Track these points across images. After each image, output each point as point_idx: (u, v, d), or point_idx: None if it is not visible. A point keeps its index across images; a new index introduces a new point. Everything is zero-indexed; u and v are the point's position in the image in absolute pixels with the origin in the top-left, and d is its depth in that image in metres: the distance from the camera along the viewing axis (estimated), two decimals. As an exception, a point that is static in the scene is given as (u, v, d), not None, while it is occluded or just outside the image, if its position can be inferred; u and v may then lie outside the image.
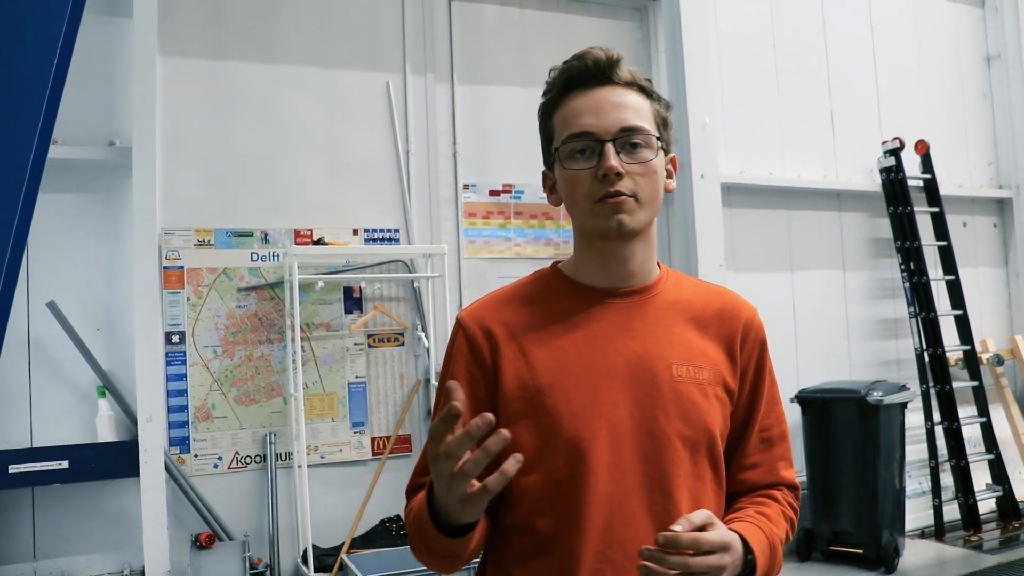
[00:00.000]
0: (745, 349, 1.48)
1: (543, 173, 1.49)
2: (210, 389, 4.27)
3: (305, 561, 4.09)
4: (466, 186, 4.87)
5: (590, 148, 1.36)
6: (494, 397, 1.40)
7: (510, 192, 4.97)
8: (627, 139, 1.37)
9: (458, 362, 1.43)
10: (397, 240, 4.69)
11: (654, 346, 1.40)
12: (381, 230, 4.67)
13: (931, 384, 5.52)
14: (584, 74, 1.42)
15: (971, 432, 5.65)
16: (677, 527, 1.18)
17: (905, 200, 5.68)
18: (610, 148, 1.35)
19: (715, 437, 1.40)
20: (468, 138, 4.91)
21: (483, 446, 1.11)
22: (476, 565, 1.51)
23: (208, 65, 4.40)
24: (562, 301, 1.45)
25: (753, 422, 1.49)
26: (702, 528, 1.20)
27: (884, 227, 5.82)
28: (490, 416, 1.10)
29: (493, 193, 4.93)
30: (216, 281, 4.32)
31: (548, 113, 1.46)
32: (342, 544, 4.29)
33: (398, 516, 4.46)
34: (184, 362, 4.24)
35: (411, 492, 1.47)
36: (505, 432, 1.11)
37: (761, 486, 1.50)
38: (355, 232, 4.61)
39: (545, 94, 1.47)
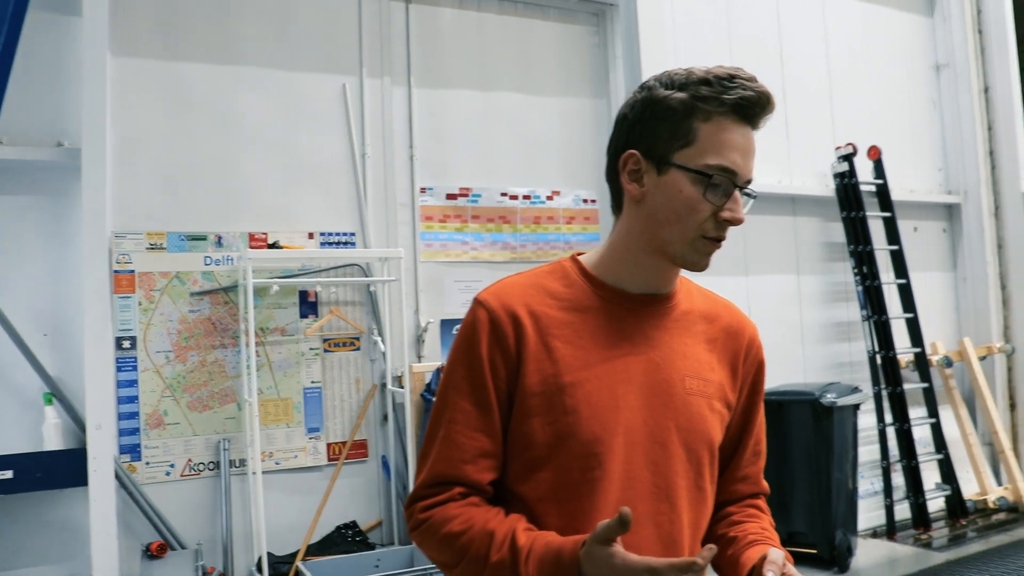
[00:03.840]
0: (746, 366, 1.51)
1: (630, 154, 1.39)
2: (162, 395, 4.20)
3: (260, 569, 4.04)
4: (423, 189, 4.85)
5: (724, 185, 1.33)
6: (513, 387, 1.36)
7: (467, 196, 4.95)
8: (746, 188, 1.37)
9: (480, 345, 1.36)
10: (353, 244, 4.65)
11: (670, 357, 1.41)
12: (337, 234, 4.63)
13: (883, 386, 5.60)
14: (752, 106, 1.35)
15: (921, 433, 5.74)
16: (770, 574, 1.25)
17: (858, 205, 5.76)
18: (740, 197, 1.35)
19: (715, 451, 1.44)
20: (425, 141, 4.89)
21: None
22: None
23: (161, 66, 4.33)
24: (589, 300, 1.41)
25: (748, 436, 1.54)
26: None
27: (837, 231, 5.90)
28: (714, 548, 1.14)
29: (450, 197, 4.92)
30: (168, 285, 4.25)
31: (695, 112, 1.34)
32: (297, 551, 4.24)
33: (354, 522, 4.42)
34: (135, 368, 4.17)
35: (423, 501, 1.38)
36: (713, 547, 1.14)
37: (746, 495, 1.56)
38: (311, 236, 4.57)
39: (699, 86, 1.35)
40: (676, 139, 1.35)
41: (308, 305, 4.51)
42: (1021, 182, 6.49)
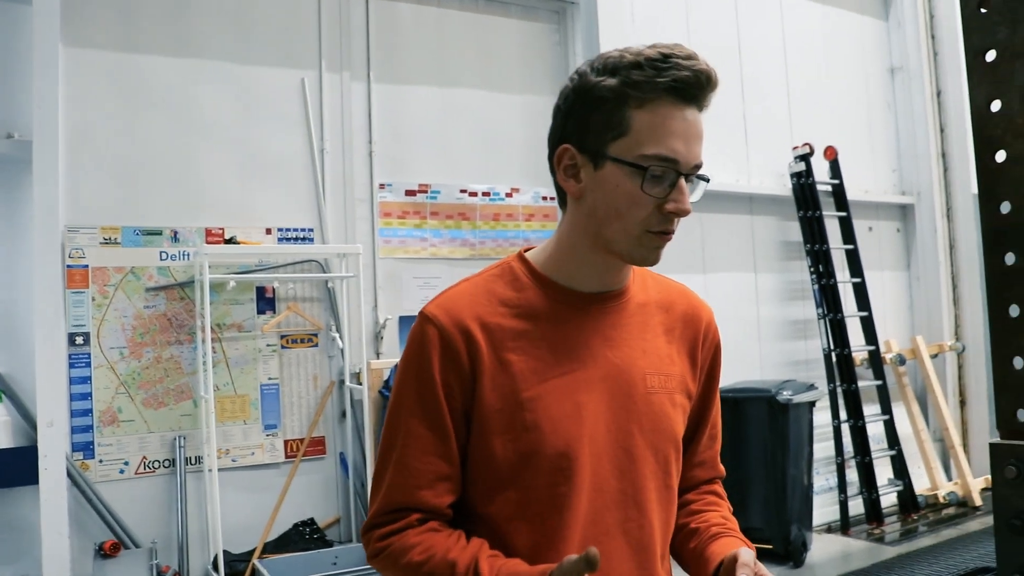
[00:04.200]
0: (704, 352, 1.47)
1: (564, 148, 1.31)
2: (116, 392, 4.14)
3: (216, 567, 4.00)
4: (382, 185, 4.83)
5: (667, 176, 1.24)
6: (469, 406, 1.29)
7: (426, 192, 4.94)
8: (693, 175, 1.29)
9: (431, 365, 1.28)
10: (311, 240, 4.62)
11: (629, 355, 1.35)
12: (295, 229, 4.59)
13: (838, 383, 5.69)
14: (690, 87, 1.25)
15: (875, 429, 5.84)
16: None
17: (814, 204, 5.85)
18: (686, 187, 1.27)
19: (679, 446, 1.41)
20: (384, 137, 4.87)
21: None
22: None
23: (116, 58, 4.27)
24: (540, 303, 1.34)
25: (705, 422, 1.50)
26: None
27: (794, 230, 5.98)
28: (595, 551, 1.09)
29: (409, 193, 4.90)
30: (123, 281, 4.19)
31: (627, 100, 1.25)
32: (254, 549, 4.20)
33: (312, 519, 4.40)
34: (88, 364, 4.10)
35: (380, 529, 1.31)
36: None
37: (703, 481, 1.53)
38: (268, 231, 4.53)
39: (630, 70, 1.24)
40: (609, 130, 1.26)
41: (265, 301, 4.47)
42: (972, 184, 6.63)
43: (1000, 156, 2.02)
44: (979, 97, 2.13)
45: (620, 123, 1.25)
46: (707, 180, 1.31)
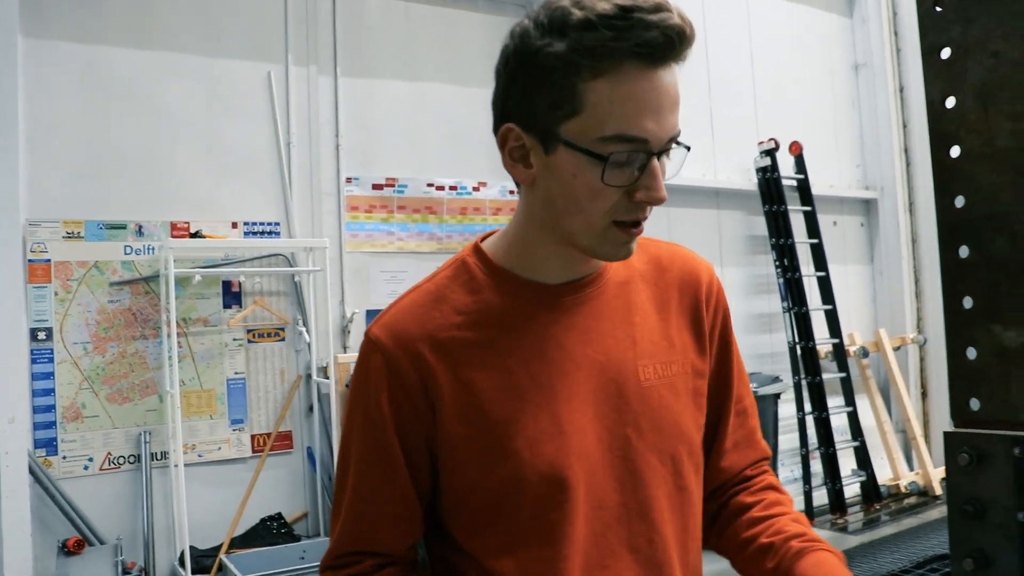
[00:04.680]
0: (709, 317, 1.27)
1: (508, 128, 1.09)
2: (80, 387, 4.10)
3: (182, 563, 3.98)
4: (349, 179, 4.82)
5: (634, 159, 1.03)
6: (432, 439, 1.12)
7: (393, 186, 4.94)
8: (670, 149, 1.08)
9: (379, 399, 1.11)
10: (278, 233, 4.60)
11: (615, 348, 1.16)
12: (261, 223, 4.57)
13: (803, 376, 5.75)
14: (660, 49, 1.00)
15: (839, 421, 5.91)
16: None
17: (779, 199, 5.90)
18: (659, 168, 1.05)
19: (693, 439, 1.22)
20: (351, 131, 4.85)
21: None
22: None
23: (78, 49, 4.21)
24: (501, 304, 1.14)
25: (729, 398, 1.31)
26: None
27: (760, 225, 6.04)
28: None
29: (376, 187, 4.89)
30: (86, 275, 4.15)
31: (578, 70, 1.01)
32: (221, 544, 4.18)
33: (279, 514, 4.38)
34: (51, 360, 4.06)
35: (333, 572, 1.20)
36: None
37: (746, 467, 1.34)
38: (234, 225, 4.50)
39: (581, 32, 0.99)
40: (559, 107, 1.03)
41: (232, 295, 4.45)
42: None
43: (954, 151, 2.06)
44: (934, 93, 2.17)
45: (572, 98, 1.01)
46: (688, 148, 1.10)
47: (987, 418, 1.96)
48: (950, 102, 2.11)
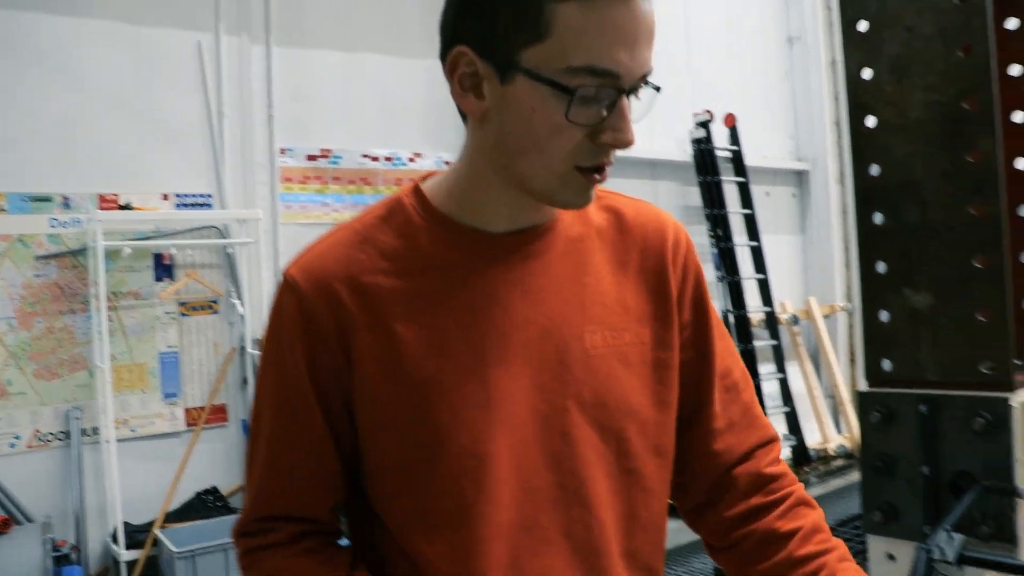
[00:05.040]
0: (676, 281, 1.12)
1: (460, 52, 0.96)
2: (4, 364, 4.00)
3: (115, 539, 3.93)
4: (283, 150, 4.75)
5: (603, 95, 0.92)
6: (348, 392, 1.01)
7: (328, 157, 4.89)
8: (640, 88, 0.98)
9: (291, 344, 1.00)
10: (210, 205, 4.53)
11: (560, 309, 1.03)
12: (193, 195, 4.49)
13: (738, 343, 5.88)
14: None
15: (770, 387, 6.06)
16: None
17: (714, 170, 5.99)
18: (628, 108, 0.95)
19: (648, 416, 1.08)
20: (285, 101, 4.78)
21: None
22: None
23: (-4, 15, 4.08)
24: (436, 251, 1.02)
25: (711, 372, 1.15)
26: None
27: (695, 195, 6.12)
28: None
29: (311, 158, 4.84)
30: (10, 249, 4.04)
31: None
32: (155, 519, 4.14)
33: (215, 488, 4.35)
34: (-26, 336, 3.96)
35: (247, 539, 1.08)
36: None
37: (747, 453, 1.17)
38: (165, 197, 4.42)
39: None
40: (521, 31, 0.91)
41: (163, 268, 4.38)
42: (863, 150, 6.88)
43: (870, 121, 2.13)
44: (852, 65, 2.23)
45: (537, 21, 0.90)
46: (658, 89, 1.01)
47: (898, 378, 2.04)
48: (867, 74, 2.17)
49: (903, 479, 1.94)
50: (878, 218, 2.07)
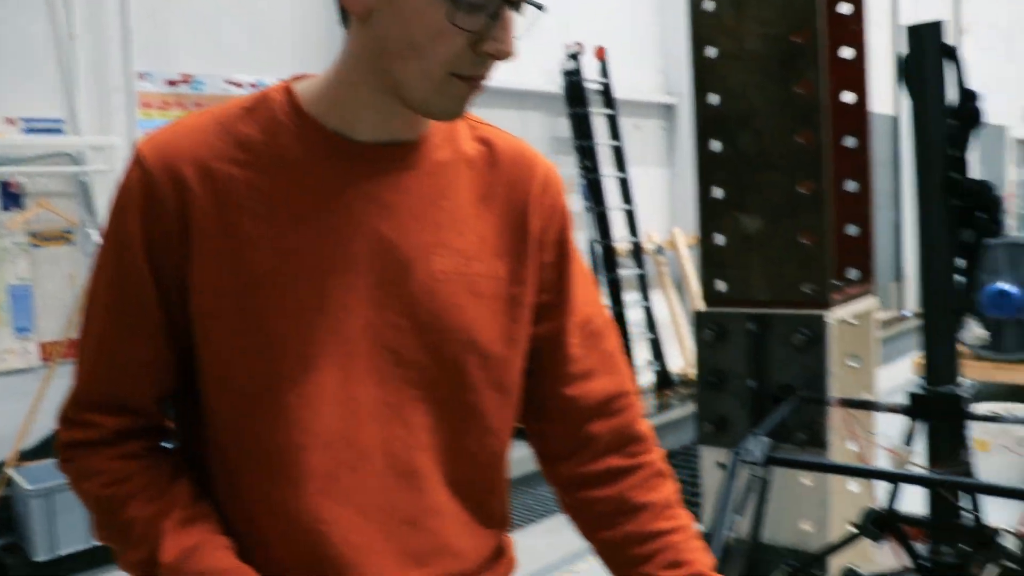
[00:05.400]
0: (539, 219, 1.11)
1: None
2: None
3: (-33, 477, 3.81)
4: (140, 75, 4.55)
5: (488, 3, 0.93)
6: (183, 278, 0.98)
7: (189, 82, 4.71)
8: (521, 3, 0.97)
9: (131, 220, 0.97)
10: (61, 131, 4.31)
11: (413, 229, 1.02)
12: (42, 119, 4.26)
13: (603, 272, 6.06)
14: None
15: (636, 315, 6.29)
16: None
17: (583, 102, 6.08)
18: (510, 20, 0.95)
19: (492, 351, 1.07)
20: (142, 22, 4.56)
21: None
22: None
23: None
24: (294, 151, 1.00)
25: (567, 315, 1.14)
26: None
27: (564, 127, 6.20)
28: None
29: (171, 83, 4.66)
30: None
31: None
32: (7, 459, 4.02)
33: (75, 423, 4.24)
34: None
35: (69, 431, 1.04)
36: None
37: (602, 401, 1.16)
38: (11, 121, 4.18)
39: None
40: None
41: (10, 197, 4.16)
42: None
43: (710, 52, 2.23)
44: (695, -4, 2.32)
45: None
46: (540, 7, 1.00)
47: (730, 298, 2.18)
48: (709, 5, 2.26)
49: (732, 393, 2.09)
50: (716, 146, 2.18)
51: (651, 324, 6.36)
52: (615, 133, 6.38)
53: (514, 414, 1.13)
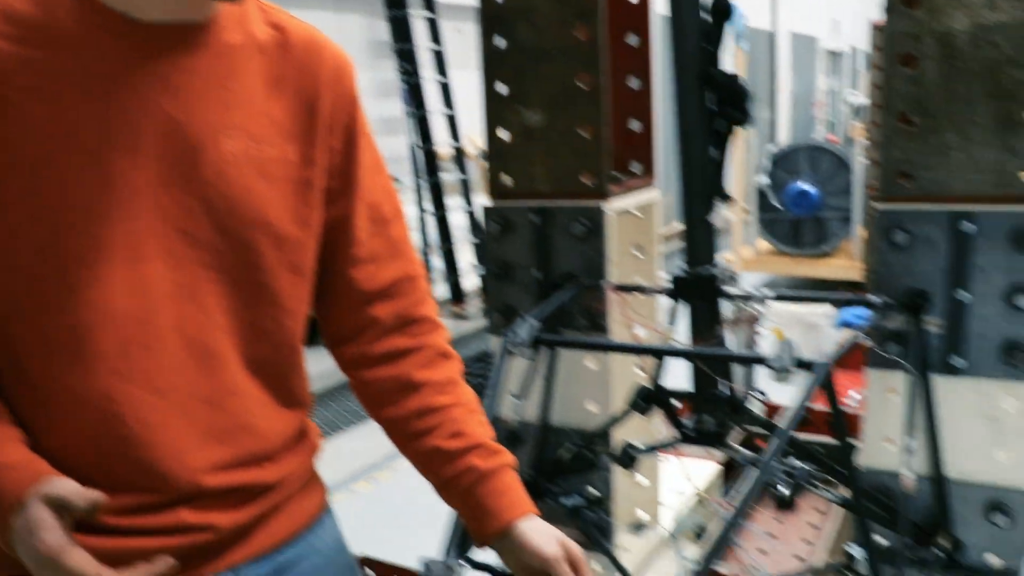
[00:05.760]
0: (328, 102, 1.12)
1: None
2: None
3: None
4: None
5: None
6: None
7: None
8: None
9: None
10: None
11: (199, 109, 1.00)
12: None
13: (426, 177, 6.05)
14: None
15: (458, 219, 6.35)
16: None
17: (403, 4, 5.95)
18: None
19: (283, 231, 1.08)
20: None
21: None
22: None
23: None
24: (73, 29, 0.95)
25: (354, 198, 1.16)
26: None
27: (383, 29, 6.07)
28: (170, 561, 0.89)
29: None
30: None
31: None
32: None
33: None
34: None
35: None
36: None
37: (388, 284, 1.19)
38: None
39: None
40: None
41: None
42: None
43: (495, -55, 2.22)
44: None
45: None
46: None
47: (515, 191, 2.24)
48: None
49: (519, 283, 2.16)
50: (499, 41, 2.20)
51: (474, 228, 6.44)
52: (436, 36, 6.30)
53: (308, 296, 1.15)
